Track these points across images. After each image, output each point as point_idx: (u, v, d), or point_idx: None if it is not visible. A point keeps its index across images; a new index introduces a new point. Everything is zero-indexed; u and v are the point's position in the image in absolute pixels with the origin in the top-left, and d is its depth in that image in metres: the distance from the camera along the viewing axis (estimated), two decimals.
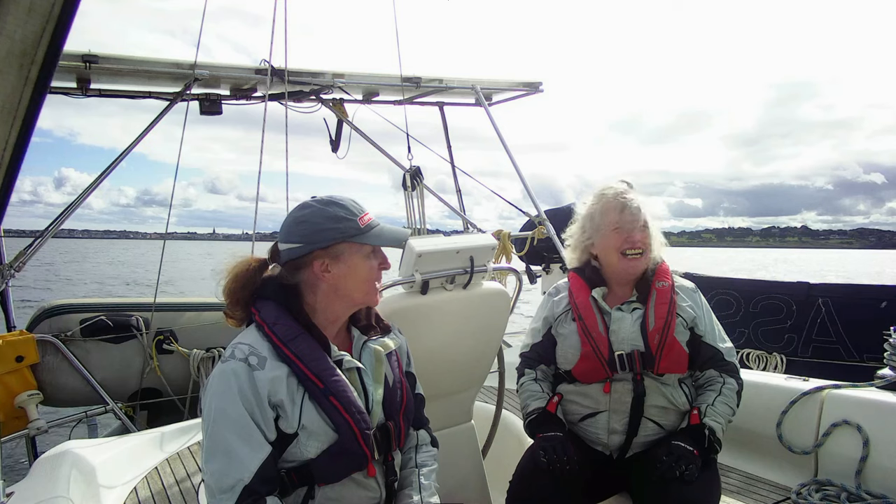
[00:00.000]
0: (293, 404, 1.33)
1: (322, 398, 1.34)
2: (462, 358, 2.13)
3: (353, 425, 1.36)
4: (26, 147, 1.21)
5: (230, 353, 1.35)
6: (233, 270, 1.45)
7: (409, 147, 4.74)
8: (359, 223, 1.44)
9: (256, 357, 1.33)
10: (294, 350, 1.36)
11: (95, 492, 2.13)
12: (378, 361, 1.49)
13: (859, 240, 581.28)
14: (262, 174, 3.81)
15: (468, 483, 2.28)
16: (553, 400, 1.97)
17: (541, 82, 5.26)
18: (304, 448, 1.33)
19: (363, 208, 1.48)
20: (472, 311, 2.06)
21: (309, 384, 1.35)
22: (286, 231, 1.45)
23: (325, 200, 1.45)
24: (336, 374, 1.38)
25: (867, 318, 4.19)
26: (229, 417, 1.27)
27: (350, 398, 1.37)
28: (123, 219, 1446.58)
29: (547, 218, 4.72)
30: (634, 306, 1.95)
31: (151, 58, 3.83)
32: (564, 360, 1.99)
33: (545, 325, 2.08)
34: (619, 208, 1.96)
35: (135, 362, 4.09)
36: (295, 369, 1.35)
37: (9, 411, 3.59)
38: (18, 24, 0.92)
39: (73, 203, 3.81)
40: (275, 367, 1.33)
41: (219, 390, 1.30)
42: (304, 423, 1.33)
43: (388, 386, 1.50)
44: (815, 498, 2.09)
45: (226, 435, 1.26)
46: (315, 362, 1.36)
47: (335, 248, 1.42)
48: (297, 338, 1.37)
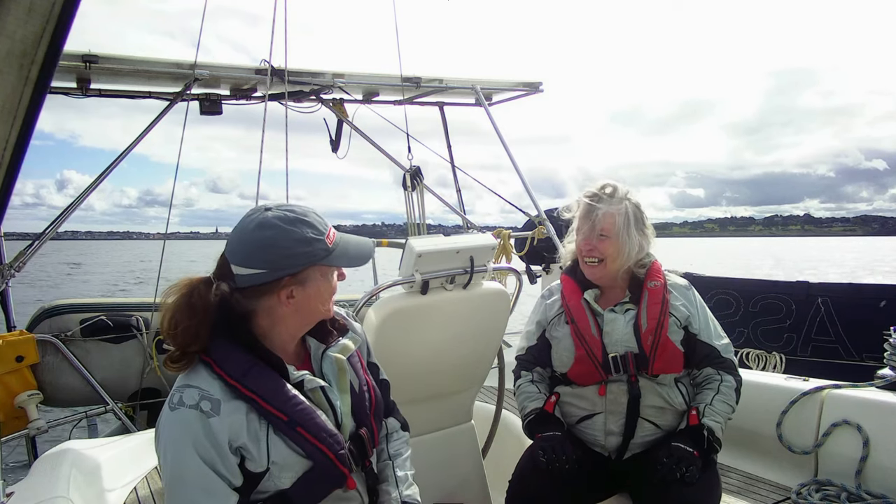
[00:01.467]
0: (258, 443, 1.23)
1: (289, 430, 1.25)
2: (462, 358, 2.13)
3: (326, 451, 1.28)
4: (26, 147, 1.21)
5: (178, 398, 1.21)
6: (180, 300, 1.25)
7: (409, 147, 4.74)
8: (327, 243, 1.31)
9: (209, 402, 1.20)
10: (249, 386, 1.23)
11: (95, 492, 2.12)
12: (341, 371, 1.40)
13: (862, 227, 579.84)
14: (263, 173, 3.81)
15: (468, 483, 2.28)
16: (551, 399, 1.97)
17: (541, 82, 5.26)
18: (278, 480, 1.26)
19: (325, 221, 1.35)
20: (472, 311, 2.06)
21: (272, 419, 1.24)
22: (245, 255, 1.27)
23: (288, 219, 1.28)
24: (299, 403, 1.27)
25: (867, 317, 4.18)
26: (189, 474, 1.17)
27: (318, 424, 1.29)
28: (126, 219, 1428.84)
29: (547, 218, 4.73)
30: (627, 307, 1.94)
31: (151, 58, 3.82)
32: (559, 363, 1.98)
33: (538, 328, 2.07)
34: (584, 214, 1.96)
35: (135, 362, 4.09)
36: (255, 406, 1.23)
37: (9, 411, 3.59)
38: (18, 24, 0.92)
39: (73, 203, 3.81)
40: (231, 408, 1.21)
41: (172, 444, 1.19)
42: (273, 460, 1.24)
43: (355, 392, 1.42)
44: (815, 498, 2.09)
45: (188, 492, 1.17)
46: (274, 393, 1.25)
47: (303, 273, 1.30)
48: (249, 371, 1.24)
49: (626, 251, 1.91)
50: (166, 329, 1.26)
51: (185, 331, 1.24)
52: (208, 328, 1.26)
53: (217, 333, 1.27)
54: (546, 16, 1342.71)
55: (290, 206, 1.32)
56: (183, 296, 1.26)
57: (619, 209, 1.92)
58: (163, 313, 1.27)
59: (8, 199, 1.39)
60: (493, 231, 4.65)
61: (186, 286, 1.27)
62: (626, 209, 1.92)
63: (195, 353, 1.26)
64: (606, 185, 1.96)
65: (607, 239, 1.91)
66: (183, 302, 1.25)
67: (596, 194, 1.95)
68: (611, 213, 1.91)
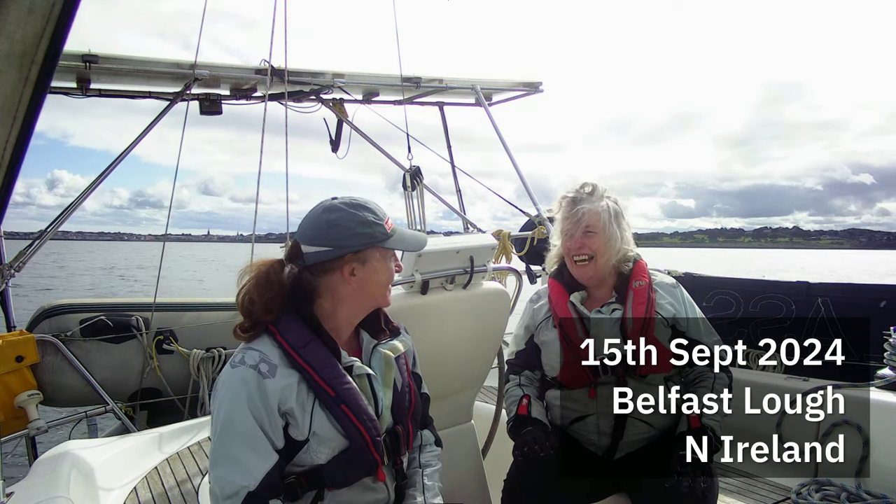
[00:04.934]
0: (304, 412, 1.33)
1: (333, 406, 1.35)
2: (462, 358, 2.13)
3: (364, 433, 1.37)
4: (26, 147, 1.21)
5: (240, 358, 1.34)
6: (259, 276, 1.40)
7: (409, 147, 4.74)
8: (386, 228, 1.46)
9: (267, 364, 1.32)
10: (305, 357, 1.35)
11: (95, 492, 2.13)
12: (388, 366, 1.49)
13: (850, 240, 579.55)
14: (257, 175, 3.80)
15: (468, 483, 2.28)
16: (522, 403, 1.97)
17: (541, 82, 5.26)
18: (315, 454, 1.35)
19: (384, 211, 1.49)
20: (472, 311, 2.06)
21: (320, 392, 1.35)
22: (314, 234, 1.42)
23: (353, 204, 1.44)
24: (347, 382, 1.38)
25: (867, 317, 4.18)
26: (238, 426, 1.28)
27: (361, 406, 1.38)
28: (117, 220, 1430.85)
29: (546, 218, 4.72)
30: (614, 308, 1.94)
31: (151, 58, 3.83)
32: (549, 367, 1.99)
33: (527, 333, 2.07)
34: (567, 215, 1.97)
35: (135, 362, 4.09)
36: (306, 377, 1.35)
37: (9, 411, 3.59)
38: (18, 24, 0.92)
39: (73, 204, 3.82)
40: (286, 374, 1.33)
41: (228, 397, 1.30)
42: (314, 431, 1.34)
43: (397, 390, 1.50)
44: (815, 498, 2.09)
45: (234, 443, 1.27)
46: (326, 370, 1.36)
47: (364, 252, 1.43)
48: (308, 344, 1.37)
49: (613, 245, 1.93)
50: (242, 302, 1.39)
51: (261, 303, 1.37)
52: (280, 302, 1.39)
53: (286, 309, 1.39)
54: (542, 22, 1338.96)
55: (354, 196, 1.48)
56: (261, 273, 1.40)
57: (601, 205, 1.94)
58: (240, 289, 1.40)
59: (7, 200, 1.39)
60: (494, 231, 4.66)
61: (264, 265, 1.42)
62: (607, 205, 1.95)
63: (266, 323, 1.38)
64: (586, 185, 1.98)
65: (594, 235, 1.92)
66: (262, 278, 1.39)
67: (577, 193, 1.97)
68: (594, 209, 1.93)
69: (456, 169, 5.40)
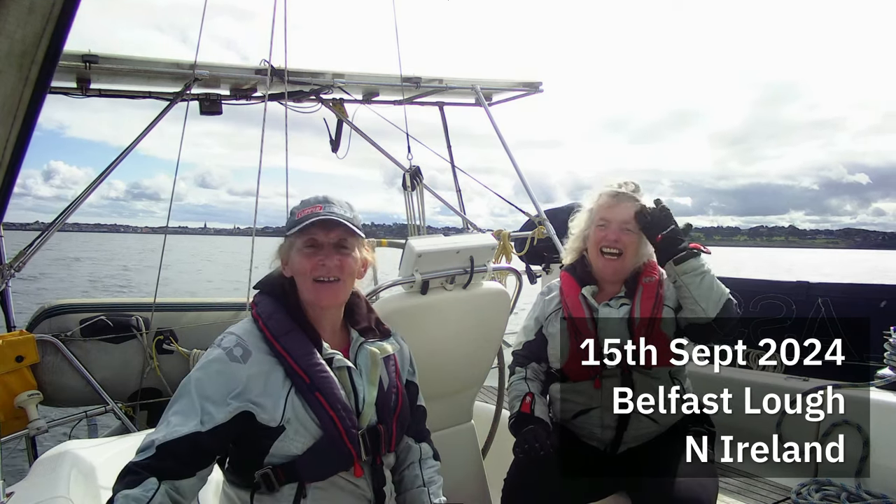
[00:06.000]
0: (277, 398, 1.34)
1: (308, 393, 1.36)
2: (462, 358, 2.14)
3: (337, 422, 1.36)
4: (26, 147, 1.21)
5: (219, 340, 1.40)
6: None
7: (409, 147, 4.74)
8: (296, 215, 1.44)
9: (242, 349, 1.36)
10: (284, 345, 1.38)
11: (95, 492, 2.12)
12: (374, 364, 1.49)
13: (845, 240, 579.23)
14: (254, 169, 3.80)
15: (468, 483, 2.28)
16: (526, 400, 1.98)
17: (541, 82, 5.25)
18: (291, 443, 1.35)
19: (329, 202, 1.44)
20: (472, 311, 2.06)
21: (296, 379, 1.37)
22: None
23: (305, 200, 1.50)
24: (324, 371, 1.40)
25: (867, 317, 4.18)
26: (184, 395, 1.31)
27: (336, 395, 1.39)
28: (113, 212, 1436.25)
29: (547, 218, 4.72)
30: (622, 301, 1.97)
31: (151, 58, 3.82)
32: (555, 358, 2.01)
33: (536, 324, 2.09)
34: (609, 205, 1.98)
35: (135, 362, 4.08)
36: (283, 363, 1.37)
37: (9, 411, 3.58)
38: (18, 24, 0.92)
39: (75, 201, 3.82)
40: (260, 360, 1.36)
41: (196, 369, 1.36)
42: (288, 417, 1.34)
43: (383, 389, 1.49)
44: (815, 498, 2.09)
45: (173, 406, 1.31)
46: (304, 358, 1.38)
47: (285, 242, 1.49)
48: (289, 333, 1.40)
49: (643, 246, 1.97)
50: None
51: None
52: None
53: (272, 297, 1.46)
54: (542, 21, 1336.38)
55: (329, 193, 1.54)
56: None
57: (641, 205, 1.97)
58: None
59: (8, 200, 1.39)
60: (494, 231, 4.65)
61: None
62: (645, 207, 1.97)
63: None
64: (628, 182, 2.02)
65: (631, 233, 1.95)
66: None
67: (621, 187, 2.00)
68: (637, 207, 1.96)
69: (456, 168, 5.39)
